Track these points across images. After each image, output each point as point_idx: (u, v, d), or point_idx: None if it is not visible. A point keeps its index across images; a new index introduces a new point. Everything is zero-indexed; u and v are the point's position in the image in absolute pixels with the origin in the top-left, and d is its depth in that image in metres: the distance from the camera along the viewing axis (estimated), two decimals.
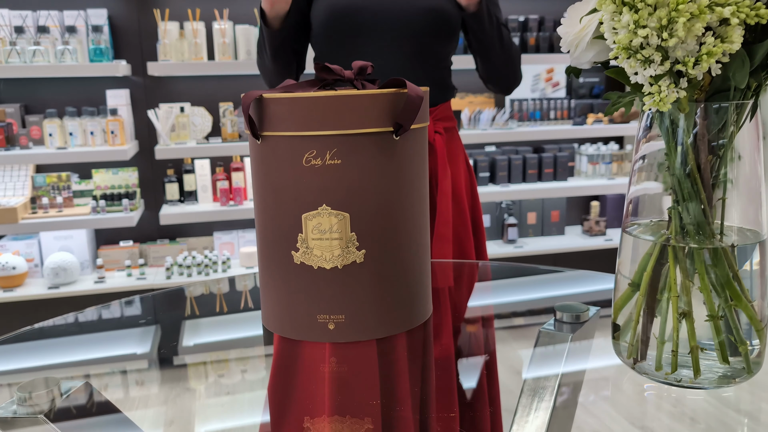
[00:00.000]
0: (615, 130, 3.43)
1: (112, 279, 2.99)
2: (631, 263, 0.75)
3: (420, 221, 0.93)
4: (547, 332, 0.93)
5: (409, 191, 0.90)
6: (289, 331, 0.92)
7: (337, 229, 0.86)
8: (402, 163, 0.88)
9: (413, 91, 0.84)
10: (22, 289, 2.87)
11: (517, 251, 3.34)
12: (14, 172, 3.03)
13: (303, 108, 0.84)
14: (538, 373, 0.82)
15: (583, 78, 3.67)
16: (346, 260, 0.87)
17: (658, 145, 0.70)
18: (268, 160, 0.88)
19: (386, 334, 0.91)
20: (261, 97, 0.86)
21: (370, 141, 0.85)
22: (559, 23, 3.39)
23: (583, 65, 0.71)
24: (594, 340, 0.92)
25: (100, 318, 1.09)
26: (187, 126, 3.05)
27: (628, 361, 0.76)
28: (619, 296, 0.78)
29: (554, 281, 1.24)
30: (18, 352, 0.96)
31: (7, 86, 3.01)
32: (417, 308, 0.94)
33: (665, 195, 0.73)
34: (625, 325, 0.77)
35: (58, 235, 3.01)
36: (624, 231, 0.76)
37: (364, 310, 0.89)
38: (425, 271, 0.96)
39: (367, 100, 0.83)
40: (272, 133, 0.87)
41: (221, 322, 1.07)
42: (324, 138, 0.84)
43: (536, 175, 3.42)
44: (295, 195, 0.87)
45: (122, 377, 0.88)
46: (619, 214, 3.72)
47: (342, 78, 0.92)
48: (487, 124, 3.32)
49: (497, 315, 1.08)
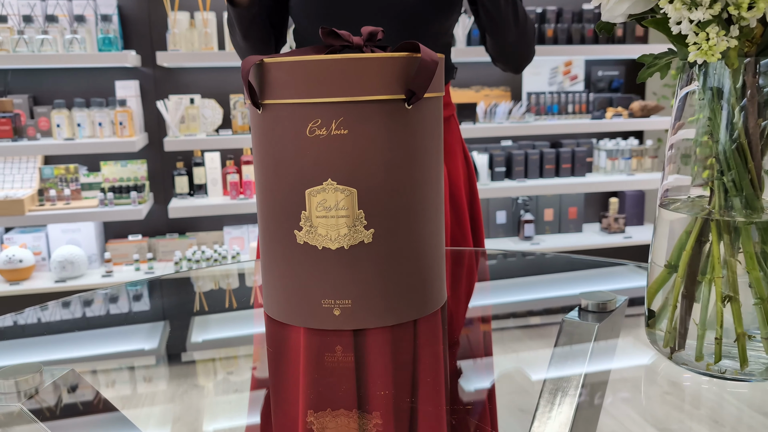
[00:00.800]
0: (635, 125, 3.33)
1: (119, 273, 2.94)
2: (668, 242, 0.68)
3: (434, 199, 0.86)
4: (571, 322, 0.86)
5: (422, 165, 0.83)
6: (292, 318, 0.85)
7: (343, 206, 0.79)
8: (415, 134, 0.81)
9: (428, 55, 0.77)
10: (28, 283, 2.83)
11: (533, 248, 3.26)
12: (22, 164, 2.99)
13: (306, 73, 0.77)
14: (561, 367, 0.74)
15: (602, 71, 3.58)
16: (353, 240, 0.80)
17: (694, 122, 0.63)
18: (270, 131, 0.82)
19: (396, 322, 0.84)
20: (262, 62, 0.79)
21: (379, 109, 0.78)
22: (578, 15, 3.31)
23: (616, 19, 0.63)
24: (621, 331, 0.85)
25: (107, 313, 1.05)
26: (197, 118, 2.99)
27: (665, 351, 0.69)
28: (653, 279, 0.70)
29: (571, 279, 1.17)
30: (22, 347, 0.92)
31: (16, 77, 2.97)
32: (430, 294, 0.87)
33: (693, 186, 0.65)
34: (660, 311, 0.70)
35: (65, 228, 2.96)
36: (660, 206, 0.68)
37: (372, 294, 0.82)
38: (439, 254, 0.88)
39: (377, 64, 0.76)
40: (273, 101, 0.80)
41: (231, 318, 1.01)
42: (329, 106, 0.77)
43: (553, 170, 3.34)
44: (297, 169, 0.80)
45: (129, 373, 0.84)
46: (639, 211, 3.62)
47: (350, 44, 0.85)
48: (503, 117, 3.25)
49: (512, 313, 1.01)
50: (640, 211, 3.62)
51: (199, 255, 2.98)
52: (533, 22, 1.38)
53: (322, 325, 0.83)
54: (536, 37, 1.35)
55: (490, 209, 3.38)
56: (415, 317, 0.85)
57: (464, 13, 3.11)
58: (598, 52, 3.26)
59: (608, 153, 3.45)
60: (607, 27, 0.66)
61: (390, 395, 0.67)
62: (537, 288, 1.11)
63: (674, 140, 0.67)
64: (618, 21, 0.64)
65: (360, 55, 0.76)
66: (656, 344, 0.71)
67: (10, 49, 2.70)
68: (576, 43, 3.27)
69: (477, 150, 3.29)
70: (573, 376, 0.72)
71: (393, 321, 0.83)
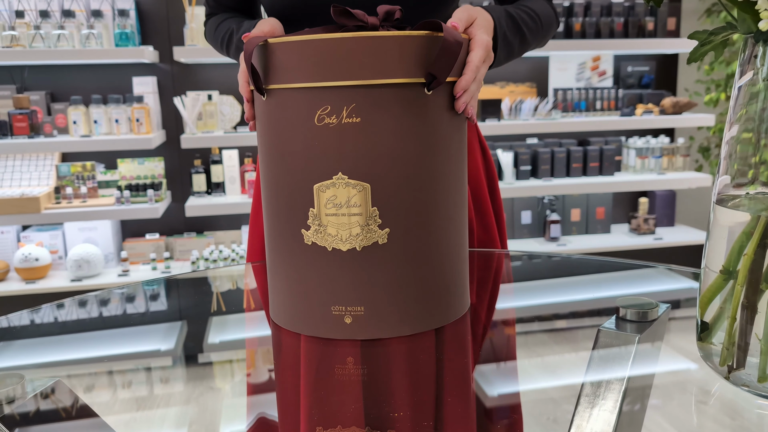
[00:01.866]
0: (666, 122, 3.22)
1: (136, 272, 2.89)
2: (726, 245, 0.59)
3: (456, 196, 0.78)
4: (608, 332, 0.77)
5: (444, 158, 0.74)
6: (300, 326, 0.77)
7: (355, 203, 0.71)
8: (435, 123, 0.72)
9: (451, 35, 0.69)
10: (44, 282, 2.80)
11: (559, 249, 3.16)
12: (39, 161, 2.96)
13: (313, 53, 0.69)
14: (596, 386, 0.65)
15: (632, 67, 3.46)
16: (367, 241, 0.71)
17: None
18: (275, 120, 0.74)
19: (414, 331, 0.76)
20: (266, 42, 0.72)
21: (396, 95, 0.69)
22: (607, 8, 3.19)
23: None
24: (663, 344, 0.76)
25: (124, 312, 1.02)
26: (214, 114, 2.94)
27: (721, 370, 0.60)
28: (707, 287, 0.62)
29: (598, 281, 1.08)
30: (37, 346, 0.89)
31: (33, 73, 2.94)
32: (452, 300, 0.78)
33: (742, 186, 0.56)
34: (715, 323, 0.61)
35: (82, 226, 2.92)
36: (716, 204, 0.60)
37: (387, 301, 0.73)
38: (462, 256, 0.80)
39: (394, 43, 0.68)
40: (279, 86, 0.72)
41: (249, 319, 0.96)
42: (340, 90, 0.69)
43: (581, 169, 3.23)
44: (305, 161, 0.72)
45: (146, 374, 0.81)
46: (670, 212, 3.50)
47: (365, 24, 0.77)
48: (528, 114, 3.15)
49: (538, 317, 0.93)
50: (671, 212, 3.50)
51: (217, 254, 2.92)
52: (554, 17, 1.10)
53: (332, 334, 0.75)
54: (558, 21, 1.08)
55: (515, 209, 3.28)
56: (436, 326, 0.77)
57: None
58: (627, 46, 3.15)
59: (638, 151, 3.33)
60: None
61: (407, 417, 0.59)
62: (563, 290, 1.03)
63: (731, 135, 0.58)
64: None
65: (374, 34, 0.68)
66: (710, 360, 0.62)
67: (27, 44, 2.66)
68: (605, 37, 3.16)
69: (501, 148, 3.19)
70: (610, 395, 0.63)
71: (410, 330, 0.75)
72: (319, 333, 0.76)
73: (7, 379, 0.71)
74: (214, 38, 1.17)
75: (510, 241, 3.28)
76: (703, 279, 0.62)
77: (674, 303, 0.99)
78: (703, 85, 3.63)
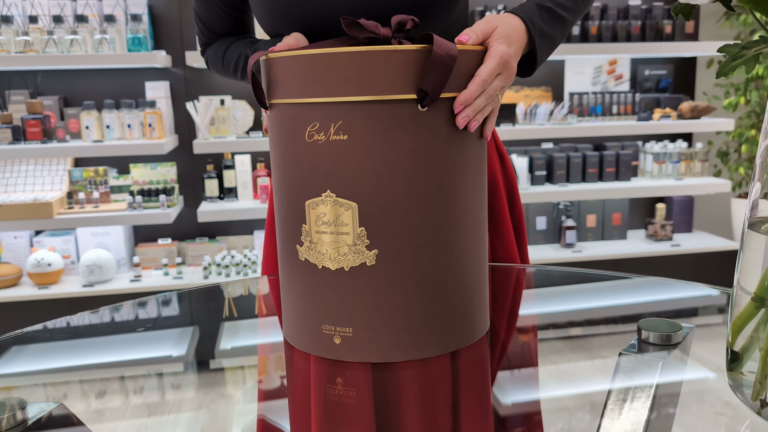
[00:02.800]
0: (683, 127, 3.16)
1: (148, 278, 2.88)
2: (759, 270, 0.56)
3: (462, 217, 0.73)
4: (630, 357, 0.74)
5: (442, 177, 0.71)
6: (298, 341, 0.76)
7: (343, 222, 0.68)
8: (431, 141, 0.69)
9: (442, 48, 0.65)
10: (57, 287, 2.79)
11: (575, 256, 3.11)
12: (52, 166, 2.96)
13: (303, 69, 0.66)
14: (617, 415, 0.62)
15: (650, 70, 3.41)
16: (354, 261, 0.69)
17: None
18: (276, 134, 0.73)
19: (404, 358, 0.72)
20: (267, 56, 0.70)
21: (385, 112, 0.66)
22: (624, 11, 3.15)
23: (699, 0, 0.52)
24: (686, 369, 0.72)
25: (136, 317, 1.02)
26: (227, 120, 2.92)
27: (753, 404, 0.56)
28: (738, 314, 0.58)
29: (614, 288, 1.05)
30: (50, 351, 0.89)
31: (46, 78, 2.94)
32: (450, 329, 0.74)
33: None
34: (745, 352, 0.58)
35: (95, 231, 2.92)
36: (749, 229, 0.56)
37: (375, 324, 0.71)
38: (466, 282, 0.75)
39: (382, 57, 0.65)
40: (277, 101, 0.71)
41: (261, 325, 0.96)
42: (327, 107, 0.66)
43: (597, 174, 3.18)
44: (298, 177, 0.70)
45: (158, 380, 0.81)
46: (688, 218, 3.44)
47: (376, 35, 0.74)
48: (544, 118, 3.11)
49: (553, 324, 0.90)
50: (689, 218, 3.44)
51: (229, 260, 2.90)
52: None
53: (323, 354, 0.73)
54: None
55: (530, 215, 3.24)
56: (432, 354, 0.73)
57: (503, 11, 2.98)
58: (645, 50, 3.10)
59: (655, 156, 3.28)
60: (685, 10, 0.54)
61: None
62: (577, 298, 1.00)
63: (766, 145, 0.55)
64: (699, 2, 0.52)
65: (358, 49, 0.65)
66: (740, 392, 0.59)
67: (40, 49, 2.66)
68: (621, 40, 3.11)
69: (516, 153, 3.16)
70: (636, 419, 0.60)
71: (401, 357, 0.72)
72: (312, 350, 0.74)
73: (8, 403, 0.69)
74: (223, 65, 1.13)
75: None
76: (735, 299, 0.58)
77: (691, 311, 0.97)
78: (722, 89, 3.57)
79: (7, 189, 2.90)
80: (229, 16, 1.13)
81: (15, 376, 0.82)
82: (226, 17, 1.13)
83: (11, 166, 2.94)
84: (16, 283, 2.84)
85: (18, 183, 2.91)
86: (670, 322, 0.78)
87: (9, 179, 2.91)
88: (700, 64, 3.50)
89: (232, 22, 1.14)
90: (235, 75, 1.13)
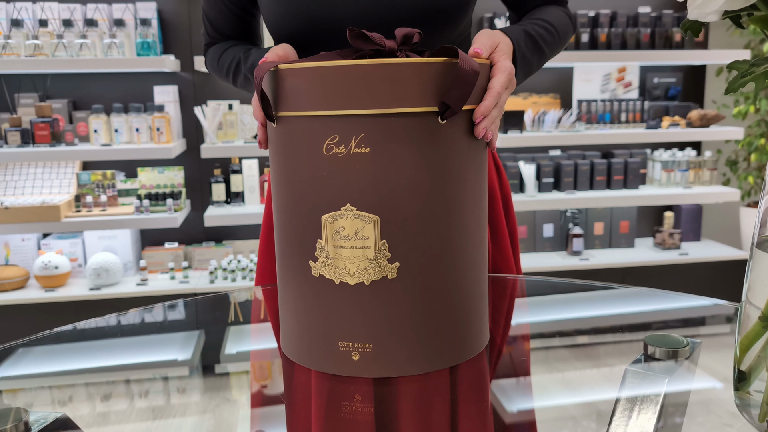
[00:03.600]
0: (692, 135, 3.15)
1: (154, 281, 2.89)
2: (767, 287, 0.55)
3: (474, 228, 0.74)
4: (636, 372, 0.73)
5: (460, 189, 0.71)
6: (307, 360, 0.74)
7: (364, 236, 0.68)
8: (450, 153, 0.69)
9: (467, 63, 0.65)
10: (64, 290, 2.80)
11: (582, 264, 3.10)
12: (60, 169, 2.97)
13: (322, 80, 0.66)
14: (626, 423, 0.62)
15: (659, 78, 3.40)
16: (375, 275, 0.68)
17: None
18: (284, 148, 0.71)
19: (425, 370, 0.72)
20: (276, 68, 0.69)
21: (407, 124, 0.66)
22: (633, 18, 3.14)
23: (708, 17, 0.51)
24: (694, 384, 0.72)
25: (142, 321, 1.02)
26: (235, 124, 2.93)
27: (760, 426, 0.56)
28: (745, 333, 0.57)
29: (611, 297, 1.04)
30: (56, 354, 0.90)
31: (55, 81, 2.95)
32: (468, 338, 0.74)
33: None
34: (753, 372, 0.57)
35: (102, 234, 2.93)
36: (757, 247, 0.55)
37: (396, 338, 0.70)
38: (478, 293, 0.76)
39: (405, 70, 0.65)
40: (288, 114, 0.70)
41: (266, 330, 0.96)
42: (348, 119, 0.66)
43: (605, 182, 3.17)
44: (313, 191, 0.69)
45: (163, 383, 0.81)
46: (696, 226, 3.42)
47: (382, 48, 0.74)
48: (552, 126, 3.10)
49: (559, 332, 0.90)
50: (697, 227, 3.42)
51: (235, 264, 2.91)
52: (570, 24, 1.07)
53: (339, 371, 0.72)
54: (574, 27, 1.08)
55: (537, 222, 3.23)
56: (448, 365, 0.73)
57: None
58: (654, 57, 3.09)
59: (663, 164, 3.27)
60: (694, 27, 0.54)
61: None
62: (577, 307, 1.00)
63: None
64: (709, 20, 0.51)
65: (384, 61, 0.65)
66: (747, 412, 0.58)
67: (50, 53, 2.67)
68: (631, 48, 3.10)
69: (524, 160, 3.15)
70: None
71: (421, 369, 0.72)
72: (326, 369, 0.73)
73: (10, 414, 0.69)
74: (218, 68, 1.14)
75: (532, 254, 3.23)
76: (743, 315, 0.58)
77: (699, 320, 0.97)
78: (731, 98, 3.55)
79: (15, 191, 2.91)
80: (237, 18, 1.13)
81: (21, 378, 0.82)
82: (234, 18, 1.13)
83: (20, 169, 2.95)
84: (23, 286, 2.85)
85: (26, 186, 2.92)
86: (677, 338, 0.77)
87: (17, 182, 2.93)
88: (710, 72, 3.48)
89: (239, 24, 1.14)
90: (227, 78, 1.13)
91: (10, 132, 2.68)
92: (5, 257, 2.93)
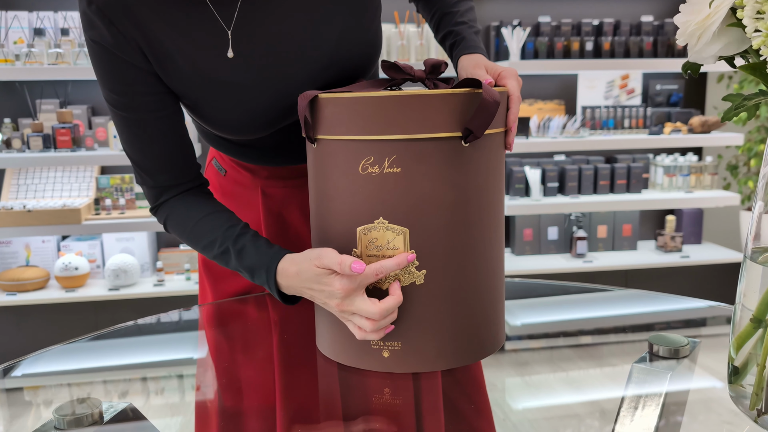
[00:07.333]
0: (694, 141, 3.23)
1: (171, 282, 2.97)
2: (758, 293, 0.63)
3: (494, 237, 0.83)
4: (642, 368, 0.82)
5: (480, 204, 0.80)
6: (342, 357, 0.83)
7: (394, 246, 0.77)
8: (472, 173, 0.78)
9: (489, 95, 0.74)
10: (83, 290, 2.88)
11: (585, 266, 3.18)
12: (80, 173, 3.05)
13: (359, 109, 0.75)
14: (629, 422, 0.70)
15: (661, 85, 3.48)
16: (405, 281, 0.78)
17: None
18: (323, 166, 0.80)
19: (449, 366, 0.81)
20: (317, 96, 0.78)
21: (434, 148, 0.75)
22: (636, 27, 3.22)
23: (705, 60, 0.60)
24: (692, 382, 0.80)
25: (158, 321, 1.07)
26: None
27: (750, 413, 0.64)
28: (738, 332, 0.66)
29: (610, 299, 1.12)
30: (74, 352, 0.93)
31: (75, 87, 3.04)
32: (487, 337, 0.83)
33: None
34: (745, 367, 0.65)
35: (120, 236, 3.01)
36: (749, 260, 0.64)
37: (423, 337, 0.79)
38: (499, 294, 0.85)
39: (433, 100, 0.74)
40: (327, 137, 0.78)
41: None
42: (382, 143, 0.75)
43: (608, 186, 3.25)
44: (349, 205, 0.78)
45: (178, 381, 0.85)
46: (697, 230, 3.51)
47: (412, 77, 0.83)
48: (557, 131, 3.18)
49: (563, 332, 0.97)
50: (698, 230, 3.51)
51: None
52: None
53: (371, 367, 0.81)
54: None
55: (542, 225, 3.32)
56: (471, 361, 0.82)
57: (519, 26, 3.06)
58: (656, 65, 3.17)
59: (665, 169, 3.35)
60: (693, 68, 0.62)
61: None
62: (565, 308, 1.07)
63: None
64: (707, 63, 0.60)
65: (414, 91, 0.74)
66: (740, 403, 0.66)
67: (71, 61, 2.76)
68: (634, 56, 3.18)
69: (529, 165, 3.23)
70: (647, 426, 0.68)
71: (445, 365, 0.80)
72: (358, 365, 0.82)
73: (85, 402, 0.78)
74: (191, 240, 0.94)
75: (537, 257, 3.31)
76: (737, 316, 0.66)
77: (700, 321, 1.03)
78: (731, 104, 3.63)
79: (37, 195, 3.00)
80: (168, 130, 0.93)
81: (41, 376, 0.88)
82: (164, 140, 0.93)
83: (41, 173, 3.04)
84: (44, 286, 2.93)
85: (47, 189, 3.01)
86: (678, 337, 0.86)
87: (38, 185, 3.01)
88: (711, 79, 3.56)
89: (171, 145, 0.94)
90: (207, 256, 0.93)
91: (32, 137, 2.77)
92: (26, 258, 3.01)
